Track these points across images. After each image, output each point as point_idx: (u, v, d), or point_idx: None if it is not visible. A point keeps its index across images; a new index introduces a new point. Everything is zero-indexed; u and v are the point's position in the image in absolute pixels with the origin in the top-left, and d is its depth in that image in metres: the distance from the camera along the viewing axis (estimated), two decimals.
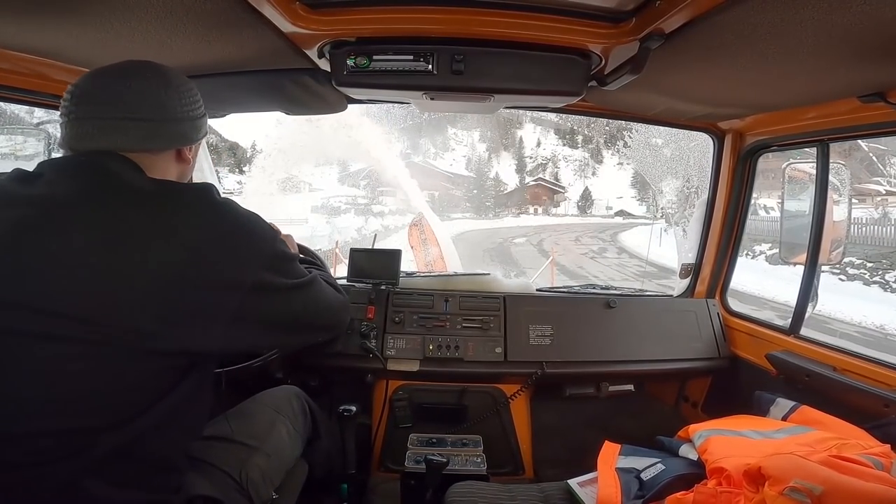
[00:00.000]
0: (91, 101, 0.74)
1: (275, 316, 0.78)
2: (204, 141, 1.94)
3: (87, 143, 0.73)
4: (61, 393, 0.63)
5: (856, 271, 11.96)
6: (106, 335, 0.63)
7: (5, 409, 0.62)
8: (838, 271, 11.45)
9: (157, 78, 0.77)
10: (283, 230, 0.91)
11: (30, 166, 0.75)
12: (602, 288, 1.88)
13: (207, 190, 0.76)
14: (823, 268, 1.43)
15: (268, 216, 0.83)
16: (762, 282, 10.17)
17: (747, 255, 13.34)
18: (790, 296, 1.48)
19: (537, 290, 1.83)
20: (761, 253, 14.01)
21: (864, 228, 14.30)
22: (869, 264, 12.14)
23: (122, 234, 0.67)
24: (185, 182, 0.84)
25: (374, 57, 1.00)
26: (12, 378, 0.62)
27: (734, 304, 1.77)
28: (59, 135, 0.77)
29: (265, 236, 0.77)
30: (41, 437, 0.63)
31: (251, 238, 0.75)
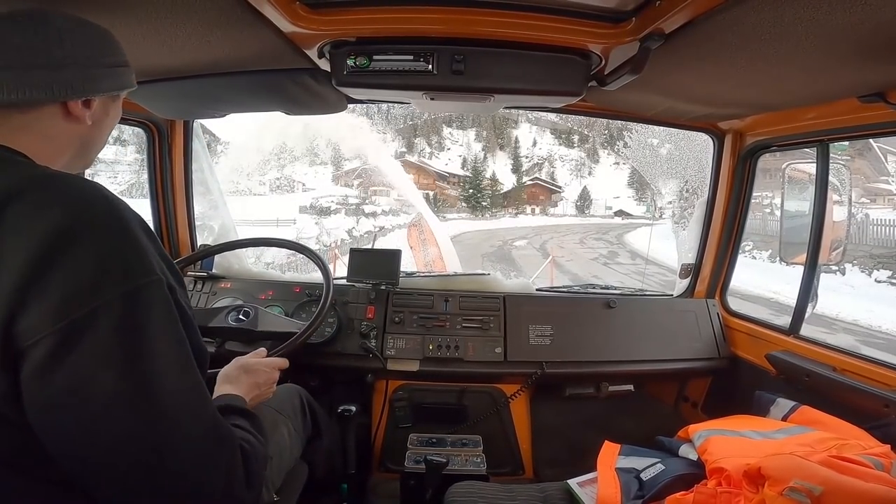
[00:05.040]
0: None
1: None
2: (204, 142, 1.89)
3: None
4: None
5: None
6: None
7: None
8: None
9: (26, 19, 0.61)
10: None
11: None
12: (602, 288, 1.88)
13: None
14: (880, 277, 1.42)
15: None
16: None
17: (780, 261, 12.12)
18: (855, 311, 1.41)
19: (537, 289, 1.83)
20: None
21: None
22: None
23: None
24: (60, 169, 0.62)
25: (374, 57, 1.00)
26: None
27: (733, 304, 1.77)
28: None
29: None
30: None
31: None
